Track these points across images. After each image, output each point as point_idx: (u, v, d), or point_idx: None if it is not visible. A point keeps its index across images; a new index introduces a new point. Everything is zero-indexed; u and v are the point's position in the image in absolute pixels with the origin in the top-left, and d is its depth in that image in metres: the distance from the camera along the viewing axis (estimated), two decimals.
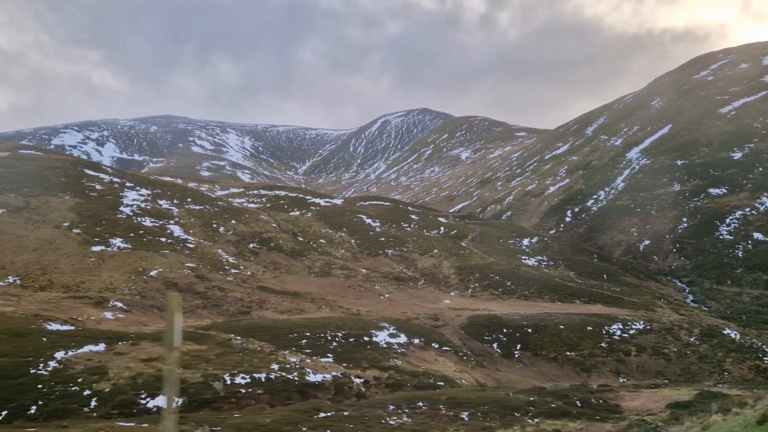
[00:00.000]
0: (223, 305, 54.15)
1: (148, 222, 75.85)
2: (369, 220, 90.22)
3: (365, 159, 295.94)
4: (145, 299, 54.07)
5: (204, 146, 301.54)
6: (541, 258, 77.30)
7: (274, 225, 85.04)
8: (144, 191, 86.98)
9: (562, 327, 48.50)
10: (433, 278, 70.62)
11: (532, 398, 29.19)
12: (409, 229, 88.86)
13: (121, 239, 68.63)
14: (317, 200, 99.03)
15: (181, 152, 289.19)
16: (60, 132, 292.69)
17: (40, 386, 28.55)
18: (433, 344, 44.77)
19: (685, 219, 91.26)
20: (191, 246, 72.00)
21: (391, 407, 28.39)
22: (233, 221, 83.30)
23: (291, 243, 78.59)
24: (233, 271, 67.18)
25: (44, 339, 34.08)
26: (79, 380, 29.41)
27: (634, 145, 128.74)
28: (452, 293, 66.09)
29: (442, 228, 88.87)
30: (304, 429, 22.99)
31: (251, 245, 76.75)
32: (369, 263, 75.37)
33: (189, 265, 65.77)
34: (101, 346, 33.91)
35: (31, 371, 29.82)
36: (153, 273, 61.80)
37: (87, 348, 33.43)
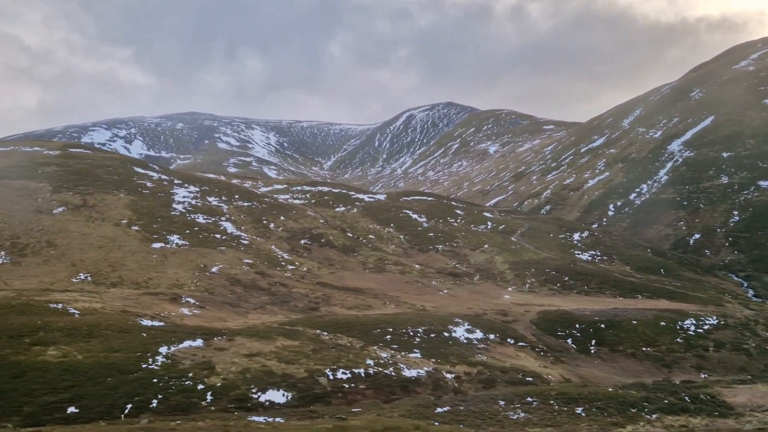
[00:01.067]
0: (290, 301, 54.59)
1: (201, 219, 76.74)
2: (415, 216, 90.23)
3: (391, 154, 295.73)
4: (214, 295, 54.74)
5: (230, 143, 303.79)
6: (594, 252, 76.68)
7: (321, 221, 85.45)
8: (192, 188, 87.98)
9: (635, 322, 48.08)
10: (488, 274, 70.44)
11: (643, 394, 29.00)
12: (456, 224, 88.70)
13: (179, 236, 69.54)
14: (361, 196, 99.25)
15: (208, 149, 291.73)
16: (89, 130, 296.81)
17: (155, 380, 29.10)
18: (509, 339, 44.71)
19: (736, 212, 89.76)
20: (245, 242, 72.69)
21: (502, 402, 28.43)
22: (282, 218, 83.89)
23: (342, 239, 78.91)
24: (290, 267, 67.71)
25: (144, 335, 34.70)
26: (191, 375, 29.91)
27: (675, 138, 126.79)
28: (510, 288, 65.87)
29: (489, 223, 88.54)
30: (436, 423, 23.12)
31: (302, 241, 77.24)
32: (421, 259, 75.42)
33: (247, 261, 66.44)
34: (199, 342, 34.43)
35: (144, 366, 30.40)
36: (214, 269, 62.56)
37: (187, 343, 33.98)
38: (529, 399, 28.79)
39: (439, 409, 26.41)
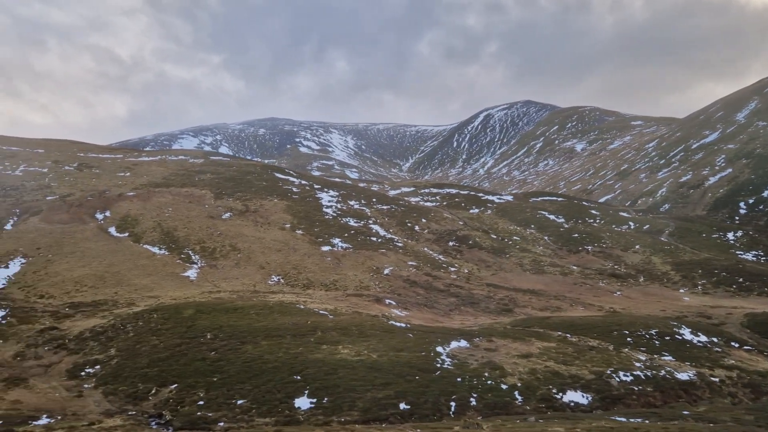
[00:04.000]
0: (479, 303, 55.36)
1: (352, 222, 78.95)
2: (552, 216, 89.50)
3: (470, 154, 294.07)
4: (402, 296, 56.18)
5: (310, 146, 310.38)
6: (757, 252, 73.74)
7: (461, 223, 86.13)
8: (332, 192, 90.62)
9: None
10: (651, 275, 68.99)
11: None
12: (595, 224, 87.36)
13: (340, 239, 71.83)
14: (490, 197, 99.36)
15: (290, 153, 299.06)
16: (178, 138, 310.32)
17: (459, 379, 30.27)
18: (732, 343, 43.66)
19: None
20: (399, 245, 74.22)
21: None
22: (423, 220, 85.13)
23: (488, 241, 79.26)
24: (451, 268, 68.63)
25: (410, 335, 36.14)
26: (486, 374, 30.92)
27: None
28: (681, 290, 64.28)
29: (631, 223, 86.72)
30: None
31: (450, 243, 78.11)
32: (574, 260, 74.74)
33: (411, 263, 67.85)
34: (464, 342, 35.53)
35: (437, 365, 31.69)
36: (386, 271, 64.26)
37: (454, 344, 35.14)
38: None
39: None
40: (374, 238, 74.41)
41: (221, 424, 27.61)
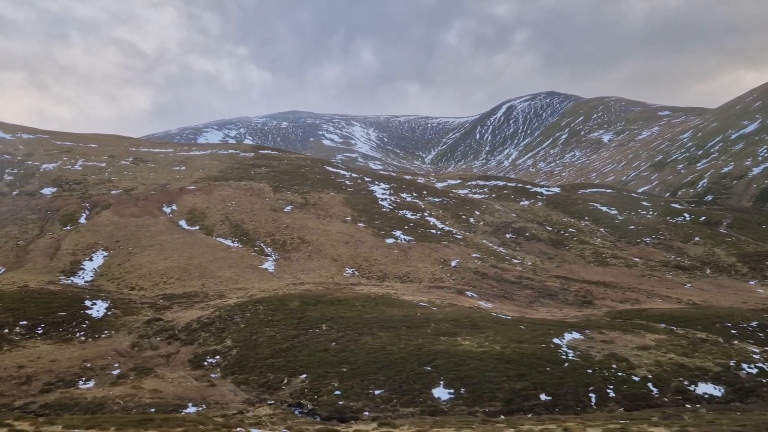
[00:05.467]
0: (557, 295, 55.64)
1: (409, 215, 79.36)
2: (604, 208, 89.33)
3: (493, 146, 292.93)
4: (477, 288, 56.56)
5: (333, 139, 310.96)
6: None
7: (513, 215, 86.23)
8: (383, 185, 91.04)
9: None
10: (717, 267, 68.80)
11: None
12: (649, 216, 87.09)
13: (401, 231, 72.29)
14: (538, 189, 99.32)
15: (314, 146, 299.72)
16: (202, 131, 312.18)
17: (590, 371, 30.67)
18: None
19: None
20: (459, 237, 74.55)
21: None
22: (477, 212, 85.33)
23: (544, 233, 79.35)
24: (515, 260, 68.89)
25: (522, 327, 36.59)
26: (614, 366, 31.28)
27: None
28: (751, 282, 64.10)
29: (686, 215, 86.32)
30: None
31: (507, 235, 78.30)
32: (634, 252, 74.67)
33: (475, 255, 68.19)
34: (576, 334, 35.89)
35: (562, 357, 32.11)
36: (453, 263, 64.67)
37: (568, 336, 35.51)
38: None
39: None
40: (433, 231, 74.79)
41: (366, 413, 28.26)
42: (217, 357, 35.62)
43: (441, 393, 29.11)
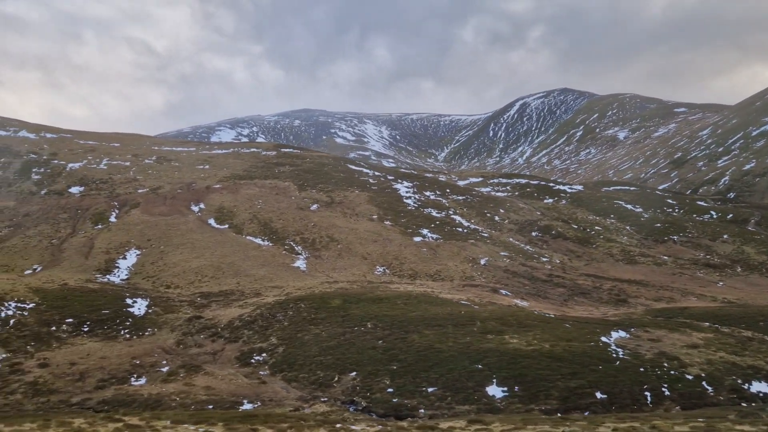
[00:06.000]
0: (590, 293, 55.45)
1: (434, 213, 79.35)
2: (629, 206, 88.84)
3: (507, 143, 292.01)
4: (509, 287, 56.49)
5: (346, 137, 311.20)
6: None
7: (538, 213, 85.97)
8: (406, 183, 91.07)
9: None
10: (747, 265, 68.28)
11: None
12: (675, 214, 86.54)
13: (428, 230, 72.30)
14: (561, 187, 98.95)
15: (327, 144, 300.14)
16: (215, 130, 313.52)
17: (641, 369, 30.55)
18: None
19: None
20: (485, 235, 74.43)
21: None
22: (501, 210, 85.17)
23: (570, 231, 79.05)
24: (543, 258, 68.69)
25: (567, 325, 36.52)
26: (665, 365, 31.12)
27: None
28: None
29: (712, 212, 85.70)
30: None
31: (533, 233, 78.07)
32: (662, 250, 74.23)
33: (503, 253, 68.06)
34: (622, 333, 35.76)
35: (613, 355, 32.02)
36: (482, 261, 64.61)
37: (614, 334, 35.40)
38: None
39: None
40: (459, 229, 74.73)
41: (422, 411, 28.33)
42: (264, 354, 35.84)
43: (495, 391, 29.12)
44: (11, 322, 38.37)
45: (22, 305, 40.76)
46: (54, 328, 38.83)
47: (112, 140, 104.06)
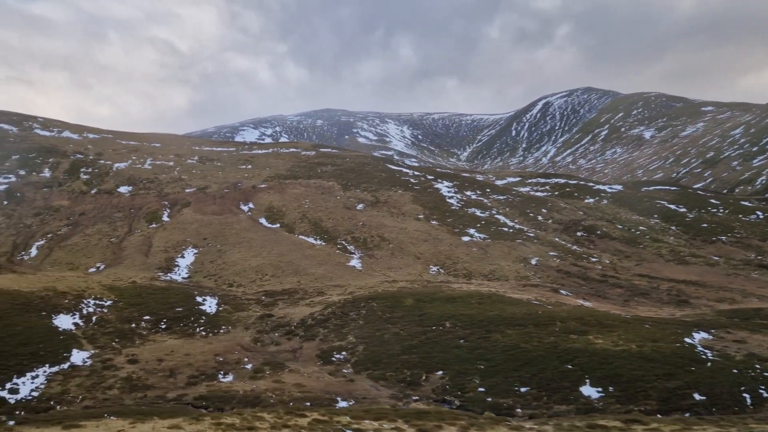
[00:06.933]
0: (649, 294, 55.07)
1: (478, 212, 79.28)
2: (672, 206, 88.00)
3: (530, 143, 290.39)
4: (565, 286, 56.29)
5: (368, 137, 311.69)
6: None
7: (580, 213, 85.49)
8: (446, 183, 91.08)
9: None
10: None
11: None
12: (720, 214, 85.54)
13: (474, 229, 72.30)
14: (601, 187, 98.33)
15: (349, 144, 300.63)
16: (239, 129, 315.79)
17: (735, 371, 30.33)
18: None
19: None
20: (531, 234, 74.20)
21: None
22: (543, 210, 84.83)
23: (616, 231, 78.51)
24: (592, 258, 68.32)
25: (647, 326, 36.37)
26: (757, 366, 30.86)
27: None
28: None
29: (758, 212, 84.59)
30: None
31: (578, 233, 77.66)
32: (712, 250, 73.43)
33: (552, 253, 67.81)
34: (704, 334, 35.56)
35: (702, 356, 31.85)
36: (533, 261, 64.44)
37: (696, 335, 35.19)
38: None
39: None
40: (505, 229, 74.60)
41: (519, 410, 28.43)
42: (344, 353, 36.15)
43: (590, 391, 29.12)
44: (94, 318, 39.15)
45: (101, 302, 41.56)
46: (134, 325, 39.53)
47: (151, 140, 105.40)
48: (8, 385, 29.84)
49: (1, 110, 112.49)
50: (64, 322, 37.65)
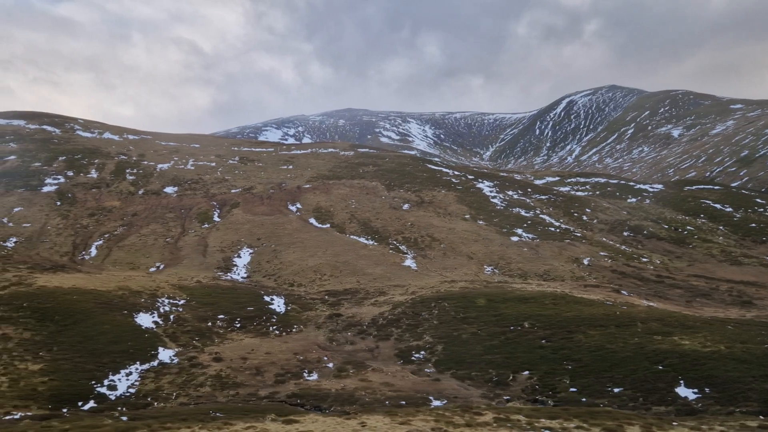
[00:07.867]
0: (711, 294, 54.46)
1: (522, 212, 78.96)
2: (717, 205, 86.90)
3: (554, 142, 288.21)
4: (623, 287, 55.79)
5: (390, 137, 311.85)
6: None
7: (624, 212, 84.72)
8: (487, 182, 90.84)
9: None
10: None
11: None
12: (767, 213, 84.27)
13: (522, 229, 72.00)
14: (642, 186, 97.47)
15: (372, 143, 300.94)
16: (262, 130, 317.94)
17: None
18: None
19: None
20: (578, 234, 73.71)
21: None
22: (587, 210, 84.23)
23: (663, 231, 77.71)
24: (643, 259, 67.68)
25: (730, 327, 35.98)
26: None
27: None
28: None
29: None
30: None
31: (625, 233, 77.01)
32: (763, 251, 72.37)
33: (602, 253, 67.32)
34: None
35: None
36: (586, 261, 64.02)
37: None
38: None
39: None
40: (552, 228, 74.24)
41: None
42: (423, 352, 36.26)
43: (685, 392, 28.90)
44: (171, 317, 39.74)
45: (174, 301, 42.17)
46: (210, 324, 40.04)
47: (190, 141, 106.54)
48: (106, 382, 30.43)
49: (43, 112, 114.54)
50: (144, 320, 38.26)
